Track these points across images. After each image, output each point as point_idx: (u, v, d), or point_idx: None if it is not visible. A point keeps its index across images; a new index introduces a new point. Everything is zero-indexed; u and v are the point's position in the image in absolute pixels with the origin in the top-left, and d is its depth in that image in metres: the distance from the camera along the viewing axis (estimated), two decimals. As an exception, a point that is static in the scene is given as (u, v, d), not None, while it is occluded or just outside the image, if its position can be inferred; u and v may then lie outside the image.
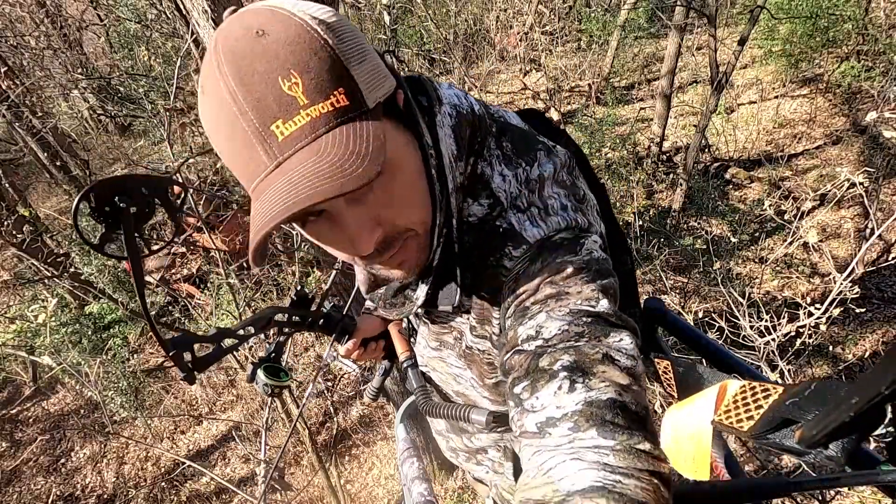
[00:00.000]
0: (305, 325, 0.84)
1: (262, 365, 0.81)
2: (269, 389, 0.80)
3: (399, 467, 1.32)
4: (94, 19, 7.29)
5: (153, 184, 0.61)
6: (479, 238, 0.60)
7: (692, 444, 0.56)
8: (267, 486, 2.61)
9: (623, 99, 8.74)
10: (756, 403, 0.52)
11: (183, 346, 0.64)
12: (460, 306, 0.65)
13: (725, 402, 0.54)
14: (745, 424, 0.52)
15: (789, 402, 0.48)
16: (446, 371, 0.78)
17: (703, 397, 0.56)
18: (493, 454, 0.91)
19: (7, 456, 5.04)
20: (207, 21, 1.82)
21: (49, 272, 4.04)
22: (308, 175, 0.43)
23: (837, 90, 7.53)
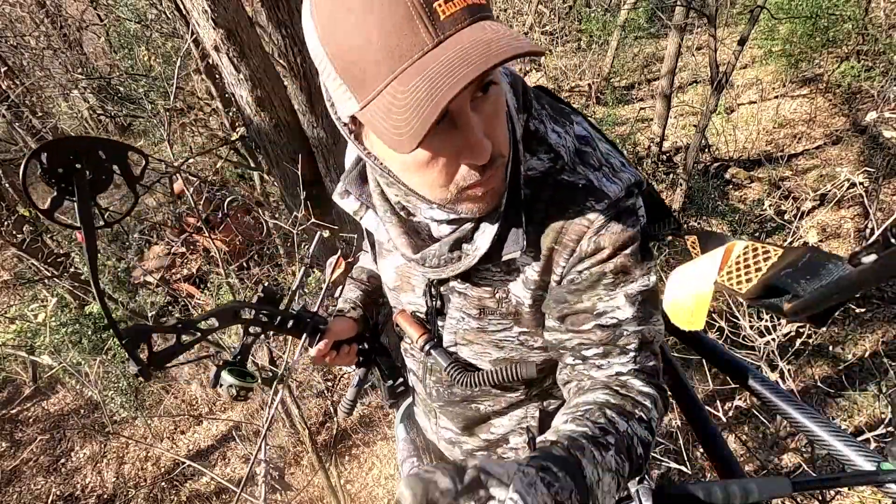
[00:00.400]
0: (273, 324, 0.81)
1: (227, 367, 0.77)
2: (235, 391, 0.76)
3: (399, 467, 1.32)
4: (94, 19, 7.29)
5: (111, 148, 0.57)
6: (546, 191, 0.64)
7: (693, 300, 0.57)
8: (266, 486, 2.61)
9: (623, 99, 8.74)
10: (756, 265, 0.53)
11: (138, 336, 0.59)
12: (510, 262, 0.67)
13: (729, 262, 0.55)
14: (743, 287, 0.53)
15: (783, 273, 0.50)
16: (487, 340, 0.76)
17: (709, 257, 0.57)
18: (515, 440, 0.92)
19: (7, 456, 5.03)
20: (207, 21, 1.82)
21: (49, 272, 4.04)
22: (485, 41, 0.45)
23: (837, 90, 7.53)
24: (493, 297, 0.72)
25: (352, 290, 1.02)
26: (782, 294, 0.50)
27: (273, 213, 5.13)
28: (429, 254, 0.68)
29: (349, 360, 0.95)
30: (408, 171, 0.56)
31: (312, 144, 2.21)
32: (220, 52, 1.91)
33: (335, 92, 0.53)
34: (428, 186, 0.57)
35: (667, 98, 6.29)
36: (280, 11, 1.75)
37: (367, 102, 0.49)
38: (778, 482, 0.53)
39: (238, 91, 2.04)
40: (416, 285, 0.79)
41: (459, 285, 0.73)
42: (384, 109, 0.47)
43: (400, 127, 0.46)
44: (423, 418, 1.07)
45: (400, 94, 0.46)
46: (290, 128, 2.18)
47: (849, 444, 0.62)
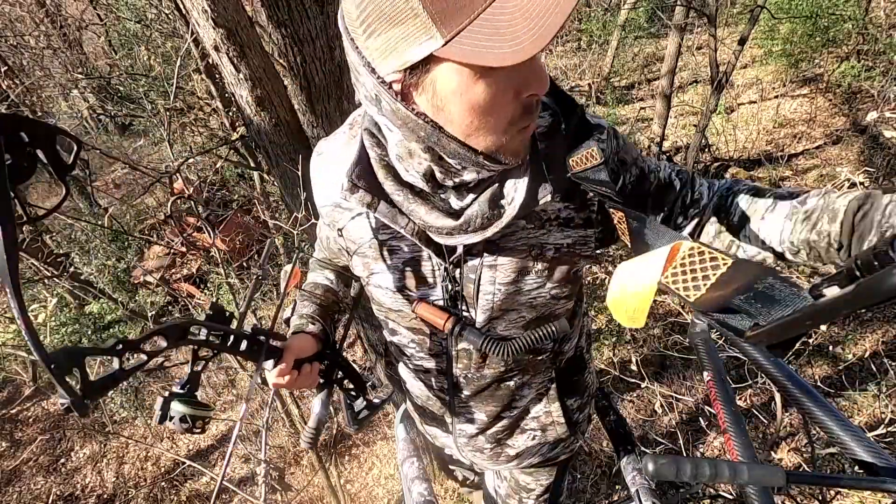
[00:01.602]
0: (225, 345, 0.72)
1: (175, 398, 0.69)
2: (190, 422, 0.68)
3: (399, 467, 1.31)
4: (94, 19, 7.28)
5: (36, 130, 0.48)
6: (557, 140, 0.71)
7: (635, 298, 0.56)
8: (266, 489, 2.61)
9: (623, 99, 8.73)
10: (703, 273, 0.52)
11: (69, 361, 0.49)
12: (542, 215, 0.74)
13: (674, 263, 0.55)
14: (692, 294, 0.53)
15: (742, 297, 0.50)
16: (523, 301, 0.78)
17: (653, 255, 0.57)
18: (535, 408, 0.95)
19: (7, 456, 5.03)
20: (207, 21, 1.82)
21: (49, 272, 4.04)
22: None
23: (837, 90, 7.52)
24: (530, 254, 0.75)
25: (306, 305, 0.96)
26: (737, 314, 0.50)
27: (273, 213, 5.13)
28: (471, 215, 0.69)
29: (311, 382, 0.89)
30: (472, 115, 0.57)
31: (312, 144, 2.21)
32: (220, 51, 1.91)
33: (394, 42, 0.52)
34: (487, 131, 0.59)
35: (667, 98, 6.29)
36: (280, 11, 1.74)
37: (458, 31, 0.49)
38: (771, 470, 0.53)
39: (238, 91, 2.04)
40: (429, 276, 0.78)
41: (487, 259, 0.74)
42: (489, 28, 0.49)
43: (518, 35, 0.47)
44: (432, 425, 1.04)
45: (509, 7, 0.48)
46: (290, 128, 2.17)
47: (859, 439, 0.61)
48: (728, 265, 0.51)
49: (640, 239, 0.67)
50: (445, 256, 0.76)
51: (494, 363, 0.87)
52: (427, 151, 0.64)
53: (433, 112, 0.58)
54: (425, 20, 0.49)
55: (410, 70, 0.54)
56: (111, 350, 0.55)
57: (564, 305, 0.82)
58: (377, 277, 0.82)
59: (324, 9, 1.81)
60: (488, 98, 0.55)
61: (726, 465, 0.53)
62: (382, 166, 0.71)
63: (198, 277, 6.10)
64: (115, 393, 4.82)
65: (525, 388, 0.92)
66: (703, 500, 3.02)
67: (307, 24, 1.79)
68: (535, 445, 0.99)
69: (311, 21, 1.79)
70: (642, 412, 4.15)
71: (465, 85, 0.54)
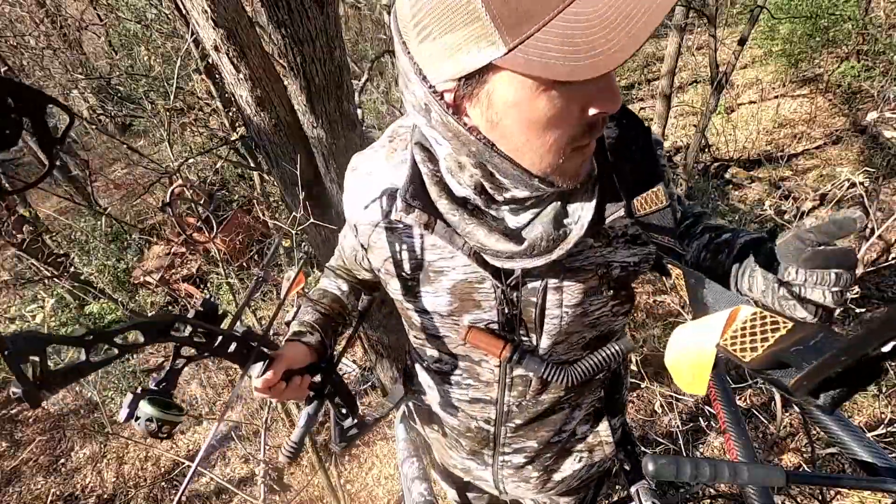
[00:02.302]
0: (211, 346, 0.68)
1: (147, 396, 0.63)
2: (156, 426, 0.62)
3: (399, 467, 1.31)
4: (94, 19, 7.28)
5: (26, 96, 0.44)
6: (628, 151, 0.66)
7: (695, 361, 0.56)
8: (266, 489, 2.61)
9: (623, 99, 8.73)
10: (763, 335, 0.52)
11: (26, 347, 0.45)
12: (609, 232, 0.70)
13: (733, 327, 0.54)
14: (748, 355, 0.52)
15: (794, 350, 0.49)
16: (586, 324, 0.75)
17: (712, 318, 0.56)
18: (582, 429, 0.92)
19: (7, 456, 5.03)
20: (207, 21, 1.82)
21: (49, 272, 4.04)
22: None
23: (837, 90, 7.52)
24: (597, 274, 0.70)
25: (308, 313, 0.91)
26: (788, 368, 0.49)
27: (273, 213, 5.12)
28: (536, 238, 0.62)
29: (299, 395, 0.82)
30: (530, 132, 0.52)
31: (312, 144, 2.21)
32: (220, 52, 1.91)
33: (451, 48, 0.48)
34: (544, 150, 0.54)
35: (667, 98, 6.29)
36: (280, 11, 1.74)
37: (524, 38, 0.44)
38: (771, 471, 0.52)
39: (238, 91, 2.04)
40: (483, 299, 0.73)
41: (552, 281, 0.70)
42: (560, 37, 0.43)
43: (595, 46, 0.43)
44: (467, 458, 0.97)
45: (584, 15, 0.43)
46: (290, 128, 2.17)
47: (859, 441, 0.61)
48: (788, 327, 0.50)
49: (699, 298, 0.65)
50: (502, 278, 0.70)
51: (554, 388, 0.82)
52: (478, 167, 0.59)
53: (487, 127, 0.54)
54: (487, 25, 0.45)
55: (466, 79, 0.50)
56: (79, 340, 0.51)
57: (622, 322, 0.79)
58: (422, 301, 0.77)
59: (324, 9, 1.81)
60: (550, 114, 0.50)
61: (726, 465, 0.52)
62: (435, 182, 0.66)
63: (198, 277, 6.10)
64: (116, 393, 4.82)
65: (576, 411, 0.89)
66: (703, 500, 3.02)
67: (307, 24, 1.79)
68: (581, 468, 0.95)
69: (311, 21, 1.79)
70: (642, 412, 4.14)
71: (526, 98, 0.49)
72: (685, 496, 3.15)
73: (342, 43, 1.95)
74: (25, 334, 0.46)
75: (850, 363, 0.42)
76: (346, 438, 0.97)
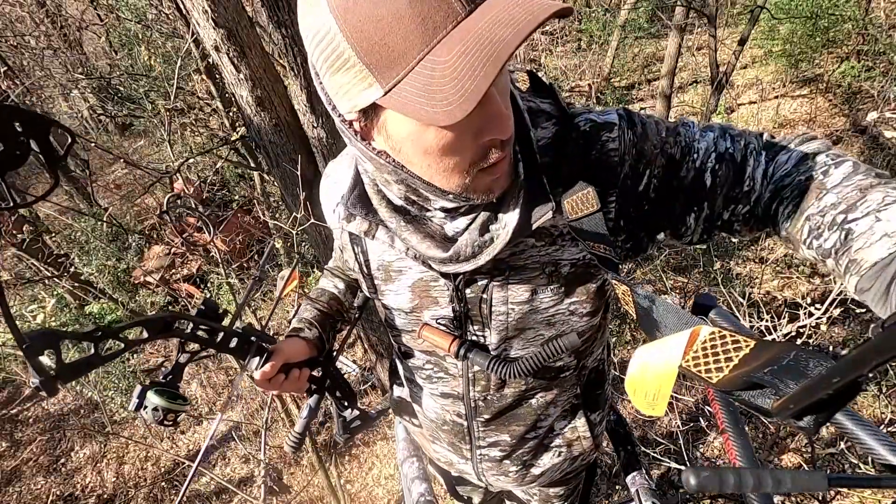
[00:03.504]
0: (213, 342, 0.72)
1: (154, 388, 0.69)
2: (162, 414, 0.68)
3: (399, 467, 1.31)
4: (94, 19, 7.28)
5: (31, 120, 0.48)
6: (564, 149, 0.66)
7: (655, 383, 0.55)
8: (265, 488, 2.61)
9: (623, 99, 8.73)
10: (726, 355, 0.51)
11: (43, 342, 0.50)
12: (552, 232, 0.69)
13: (694, 348, 0.53)
14: (713, 376, 0.51)
15: (767, 370, 0.48)
16: (540, 319, 0.75)
17: (673, 339, 0.55)
18: (559, 425, 0.92)
19: (7, 456, 5.04)
20: (207, 21, 1.82)
21: (49, 272, 4.05)
22: (520, 3, 0.46)
23: (837, 90, 7.53)
24: (543, 272, 0.71)
25: (307, 310, 0.95)
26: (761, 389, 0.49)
27: (273, 213, 5.13)
28: (461, 245, 0.66)
29: (298, 387, 0.86)
30: (428, 158, 0.55)
31: (312, 144, 2.21)
32: (220, 52, 1.91)
33: (344, 86, 0.51)
34: (448, 172, 0.57)
35: (667, 98, 6.29)
36: (280, 11, 1.74)
37: (396, 82, 0.48)
38: (813, 476, 0.51)
39: (238, 91, 2.04)
40: (439, 296, 0.76)
41: (496, 280, 0.72)
42: (422, 84, 0.46)
43: (448, 97, 0.45)
44: (448, 450, 1.01)
45: (440, 64, 0.46)
46: (290, 128, 2.18)
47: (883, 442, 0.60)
48: (751, 346, 0.50)
49: (648, 316, 0.65)
50: (452, 276, 0.73)
51: (514, 383, 0.84)
52: (400, 183, 0.63)
53: (393, 152, 0.58)
54: (362, 70, 0.49)
55: (363, 112, 0.54)
56: (89, 335, 0.55)
57: (589, 322, 0.79)
58: (387, 299, 0.80)
59: (324, 9, 1.81)
60: (441, 144, 0.53)
61: (768, 473, 0.51)
62: (376, 192, 0.70)
63: (198, 277, 6.10)
64: (116, 393, 4.83)
65: (551, 407, 0.90)
66: (703, 500, 3.02)
67: (307, 24, 1.79)
68: (560, 462, 0.97)
69: (311, 21, 1.79)
70: (642, 412, 4.15)
71: (416, 131, 0.53)
72: (685, 496, 3.15)
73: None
74: (41, 331, 0.50)
75: (843, 385, 0.42)
76: (349, 430, 1.00)
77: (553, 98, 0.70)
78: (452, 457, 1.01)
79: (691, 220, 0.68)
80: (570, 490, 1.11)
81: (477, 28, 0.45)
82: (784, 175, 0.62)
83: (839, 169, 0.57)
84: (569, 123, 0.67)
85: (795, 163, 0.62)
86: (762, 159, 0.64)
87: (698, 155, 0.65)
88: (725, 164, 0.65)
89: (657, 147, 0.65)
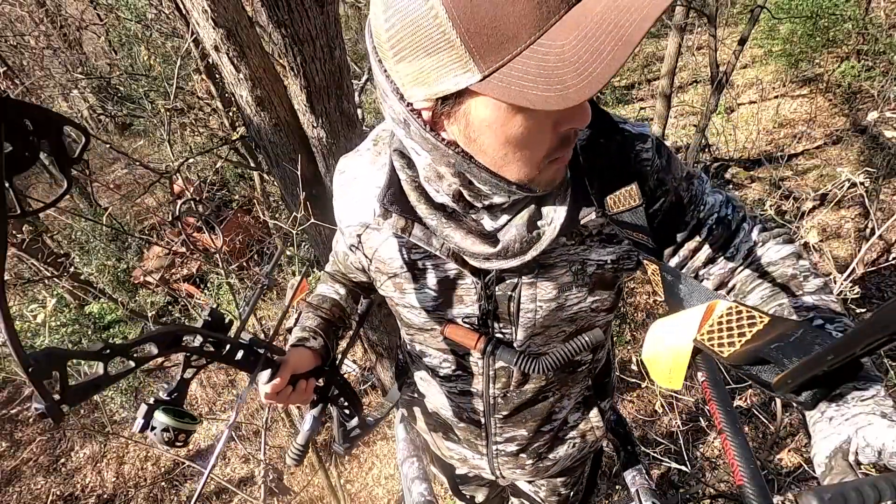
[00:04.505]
0: (220, 355, 0.69)
1: (160, 406, 0.64)
2: (173, 434, 0.64)
3: (399, 467, 1.31)
4: (94, 19, 7.28)
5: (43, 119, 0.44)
6: (598, 153, 0.68)
7: (671, 356, 0.56)
8: (266, 490, 2.61)
9: (623, 99, 8.73)
10: (740, 330, 0.52)
11: (49, 364, 0.45)
12: (583, 231, 0.71)
13: (710, 321, 0.54)
14: (725, 350, 0.52)
15: (774, 346, 0.49)
16: (564, 316, 0.76)
17: (689, 313, 0.56)
18: (573, 417, 0.95)
19: (7, 456, 5.03)
20: (207, 21, 1.82)
21: (49, 272, 4.05)
22: None
23: (837, 90, 7.52)
24: (570, 270, 0.73)
25: (310, 318, 0.93)
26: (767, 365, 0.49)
27: (273, 213, 5.13)
28: (510, 241, 0.65)
29: (304, 398, 0.85)
30: (507, 147, 0.54)
31: (312, 144, 2.21)
32: (220, 51, 1.91)
33: (426, 71, 0.49)
34: (522, 162, 0.56)
35: (667, 98, 6.29)
36: (280, 11, 1.74)
37: (499, 66, 0.46)
38: None
39: (238, 91, 2.04)
40: (465, 294, 0.76)
41: (526, 277, 0.72)
42: (533, 68, 0.45)
43: (565, 80, 0.44)
44: (463, 446, 1.01)
45: (555, 48, 0.44)
46: (290, 128, 2.18)
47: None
48: (765, 322, 0.50)
49: (674, 293, 0.65)
50: (481, 275, 0.73)
51: (535, 378, 0.85)
52: (457, 176, 0.62)
53: (465, 142, 0.56)
54: (462, 53, 0.46)
55: (443, 100, 0.52)
56: (97, 354, 0.51)
57: (605, 317, 0.81)
58: (410, 298, 0.80)
59: (324, 9, 1.81)
60: (525, 132, 0.53)
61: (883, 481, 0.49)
62: (414, 188, 0.69)
63: (198, 277, 6.10)
64: (115, 393, 4.82)
65: (565, 400, 0.92)
66: (703, 500, 3.01)
67: (307, 24, 1.79)
68: (575, 451, 0.99)
69: (311, 21, 1.79)
70: (642, 412, 4.15)
71: (502, 119, 0.51)
72: (685, 496, 3.15)
73: (342, 43, 1.95)
74: (46, 351, 0.45)
75: (837, 363, 0.42)
76: (349, 440, 0.99)
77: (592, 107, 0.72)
78: (467, 453, 1.02)
79: (673, 260, 0.76)
80: (575, 478, 1.14)
81: (595, 11, 0.44)
82: (769, 263, 0.71)
83: (816, 280, 0.68)
84: (604, 129, 0.69)
85: (783, 257, 0.71)
86: (752, 238, 0.74)
87: (704, 208, 0.73)
88: (722, 227, 0.73)
89: (675, 183, 0.71)
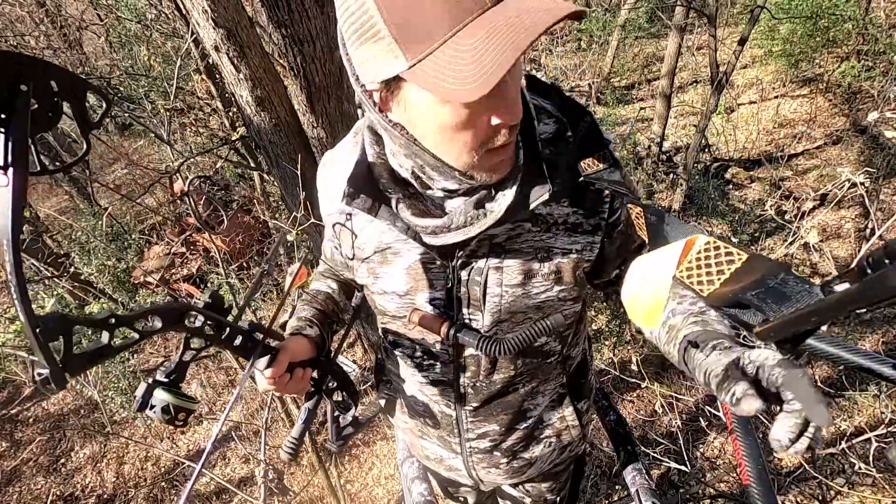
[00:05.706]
0: (219, 338, 0.68)
1: (160, 386, 0.64)
2: (173, 411, 0.63)
3: (399, 467, 1.31)
4: (94, 19, 7.28)
5: (68, 81, 0.46)
6: (563, 146, 0.72)
7: (651, 293, 0.57)
8: (266, 490, 2.61)
9: (623, 99, 8.73)
10: (718, 267, 0.53)
11: (56, 327, 0.46)
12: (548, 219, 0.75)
13: (689, 257, 0.55)
14: (705, 289, 0.53)
15: (754, 293, 0.50)
16: (530, 304, 0.79)
17: (668, 249, 0.57)
18: (549, 416, 0.96)
19: (7, 456, 5.03)
20: (207, 21, 1.82)
21: (49, 272, 4.05)
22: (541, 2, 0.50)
23: (837, 90, 7.52)
24: (535, 257, 0.76)
25: (305, 309, 0.94)
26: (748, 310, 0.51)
27: (273, 213, 5.13)
28: (455, 213, 0.70)
29: (302, 387, 0.84)
30: (442, 134, 0.59)
31: (312, 144, 2.21)
32: (220, 52, 1.91)
33: (370, 57, 0.54)
34: (458, 150, 0.61)
35: (667, 98, 6.29)
36: (280, 11, 1.74)
37: (421, 58, 0.51)
38: None
39: (238, 91, 2.04)
40: (434, 279, 0.78)
41: (493, 261, 0.75)
42: (445, 62, 0.50)
43: (470, 74, 0.49)
44: (438, 445, 1.01)
45: (465, 46, 0.49)
46: (290, 128, 2.18)
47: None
48: (743, 260, 0.51)
49: (659, 234, 0.67)
50: (449, 258, 0.76)
51: (504, 367, 0.86)
52: (409, 157, 0.67)
53: (409, 125, 0.61)
54: (390, 42, 0.52)
55: (386, 83, 0.57)
56: (103, 323, 0.52)
57: (572, 307, 0.83)
58: (382, 282, 0.81)
59: (324, 9, 1.81)
60: (456, 121, 0.57)
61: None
62: (380, 164, 0.73)
63: (198, 277, 6.10)
64: (116, 393, 4.82)
65: (538, 396, 0.92)
66: (703, 499, 3.02)
67: (307, 24, 1.79)
68: (550, 452, 0.99)
69: (311, 21, 1.79)
70: (642, 412, 4.14)
71: (434, 106, 0.56)
72: (685, 496, 3.15)
73: (342, 43, 1.94)
74: (55, 315, 0.46)
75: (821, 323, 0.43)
76: (342, 437, 0.99)
77: (560, 100, 0.75)
78: (442, 452, 1.02)
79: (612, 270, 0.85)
80: (560, 484, 1.14)
81: (503, 16, 0.49)
82: None
83: None
84: (569, 124, 0.73)
85: None
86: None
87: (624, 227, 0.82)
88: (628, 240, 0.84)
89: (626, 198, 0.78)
